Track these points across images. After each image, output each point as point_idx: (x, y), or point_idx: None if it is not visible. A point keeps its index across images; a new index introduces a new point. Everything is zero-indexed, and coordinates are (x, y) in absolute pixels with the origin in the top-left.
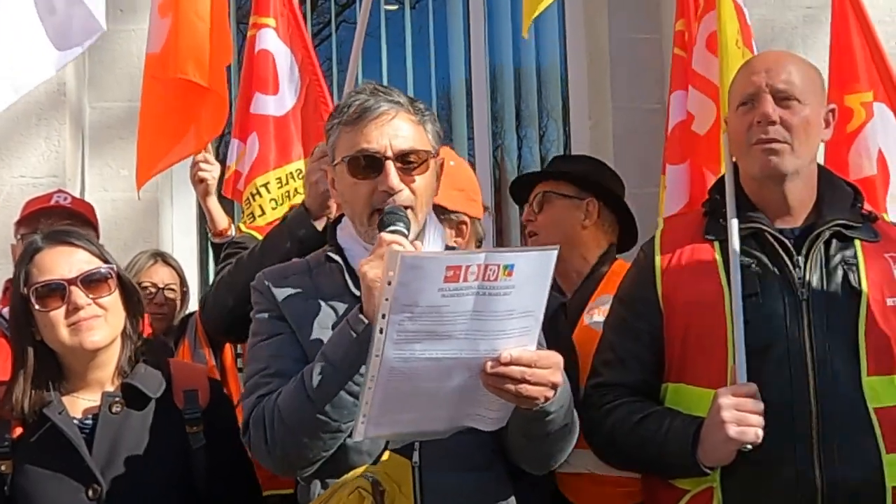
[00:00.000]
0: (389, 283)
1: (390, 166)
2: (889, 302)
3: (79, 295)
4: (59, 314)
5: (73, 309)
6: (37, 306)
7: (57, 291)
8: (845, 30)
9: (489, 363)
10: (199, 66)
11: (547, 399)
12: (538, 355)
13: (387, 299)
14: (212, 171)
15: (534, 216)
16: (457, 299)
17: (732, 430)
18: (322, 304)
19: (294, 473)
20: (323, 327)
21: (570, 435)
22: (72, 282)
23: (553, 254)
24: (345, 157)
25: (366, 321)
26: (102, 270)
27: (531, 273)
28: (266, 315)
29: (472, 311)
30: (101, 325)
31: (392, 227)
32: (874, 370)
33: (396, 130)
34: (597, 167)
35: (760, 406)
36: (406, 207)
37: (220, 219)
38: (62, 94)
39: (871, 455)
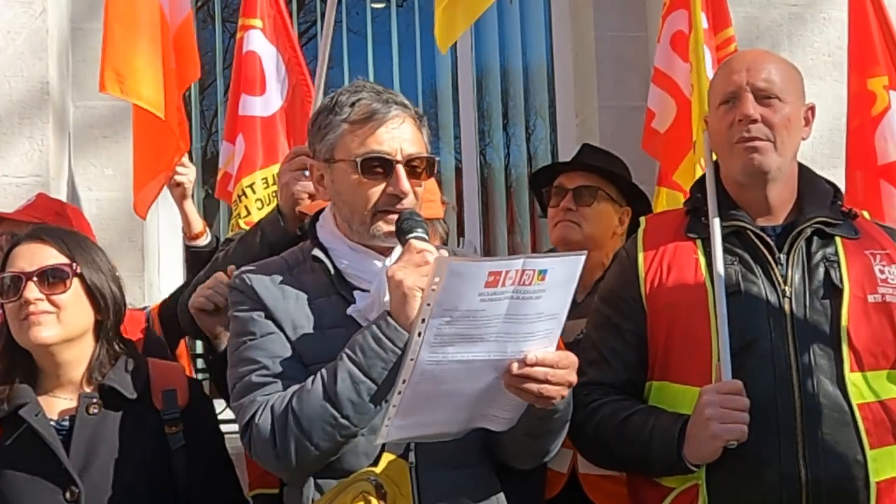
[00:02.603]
0: (434, 290)
1: (401, 170)
2: (870, 298)
3: (31, 290)
4: (13, 307)
5: (25, 303)
6: (1, 299)
7: (14, 285)
8: (863, 13)
9: (515, 364)
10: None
11: (562, 398)
12: (559, 356)
13: (429, 304)
14: (188, 175)
15: (574, 206)
16: (493, 303)
17: (717, 428)
18: (308, 303)
19: (300, 477)
20: (313, 327)
21: (565, 430)
22: (28, 276)
23: (581, 259)
24: (355, 157)
25: (403, 332)
26: (61, 268)
27: (561, 277)
28: (252, 314)
29: (505, 315)
30: (51, 323)
31: (414, 234)
32: (857, 366)
33: (405, 135)
34: (628, 172)
35: (745, 403)
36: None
37: (196, 222)
38: (45, 92)
39: (854, 451)
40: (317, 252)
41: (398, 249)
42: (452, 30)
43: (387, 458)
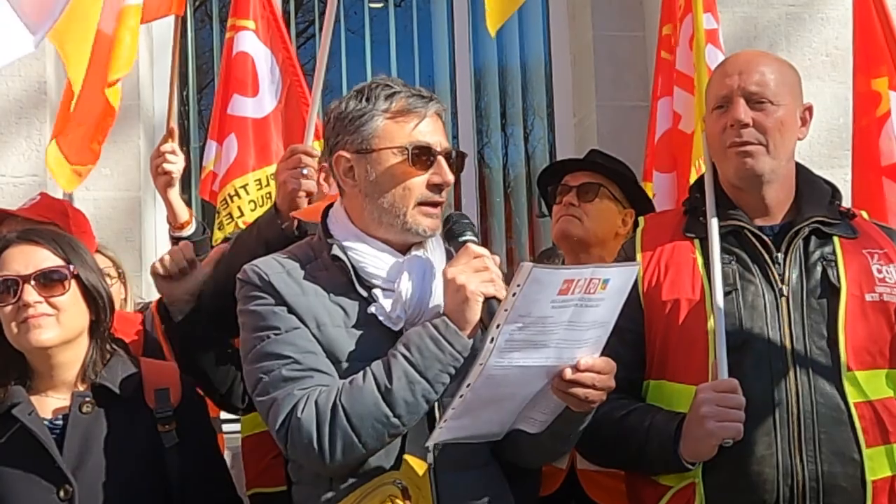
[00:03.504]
0: (514, 296)
1: (443, 161)
2: (868, 297)
3: (30, 292)
4: (10, 311)
5: (23, 306)
6: None
7: (11, 287)
8: (867, 13)
9: (568, 370)
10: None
11: (600, 402)
12: (605, 362)
13: (506, 310)
14: (176, 164)
15: (577, 201)
16: (561, 310)
17: (713, 426)
18: (327, 300)
19: (341, 471)
20: (337, 325)
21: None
22: (25, 279)
23: (636, 269)
24: (406, 145)
25: (461, 335)
26: (59, 270)
27: (618, 286)
28: (274, 309)
29: (568, 322)
30: (51, 325)
31: (467, 237)
32: (854, 365)
33: (440, 130)
34: (634, 176)
35: (742, 401)
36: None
37: (182, 212)
38: (43, 92)
39: (851, 450)
40: (337, 251)
41: (432, 248)
42: (501, 13)
43: (408, 458)
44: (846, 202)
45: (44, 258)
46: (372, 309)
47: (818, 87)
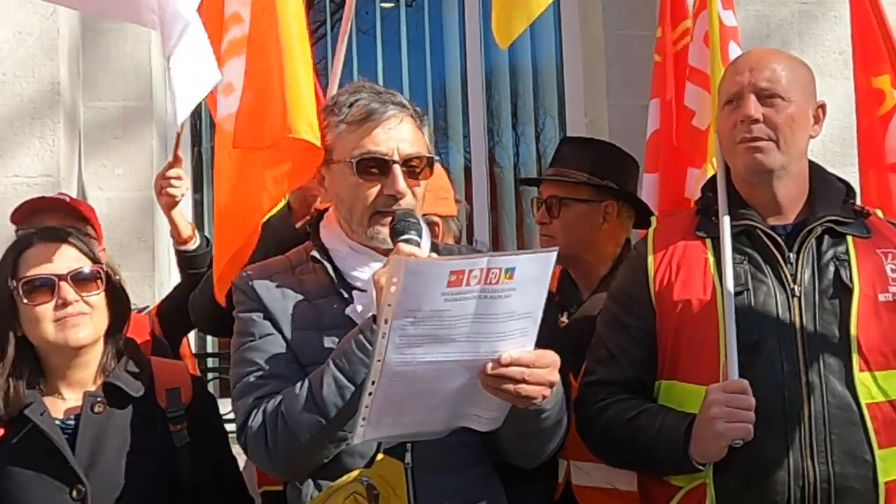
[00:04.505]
0: (393, 290)
1: (398, 170)
2: (881, 297)
3: (68, 291)
4: (46, 309)
5: (62, 304)
6: (24, 300)
7: (46, 286)
8: (864, 11)
9: (489, 365)
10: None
11: (544, 397)
12: (536, 355)
13: (389, 305)
14: (180, 189)
15: (548, 219)
16: (459, 303)
17: (723, 427)
18: (308, 304)
19: (293, 478)
20: (311, 328)
21: (561, 429)
22: (62, 277)
23: (552, 255)
24: (351, 158)
25: None
26: (92, 269)
27: (531, 275)
28: (252, 315)
29: (474, 315)
30: (87, 323)
31: (406, 236)
32: (866, 366)
33: (403, 135)
34: (610, 158)
35: (751, 402)
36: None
37: (184, 227)
38: (56, 93)
39: (863, 451)
40: (315, 253)
41: (423, 248)
42: (510, 26)
43: (381, 458)
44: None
45: (74, 257)
46: (348, 311)
47: (830, 86)
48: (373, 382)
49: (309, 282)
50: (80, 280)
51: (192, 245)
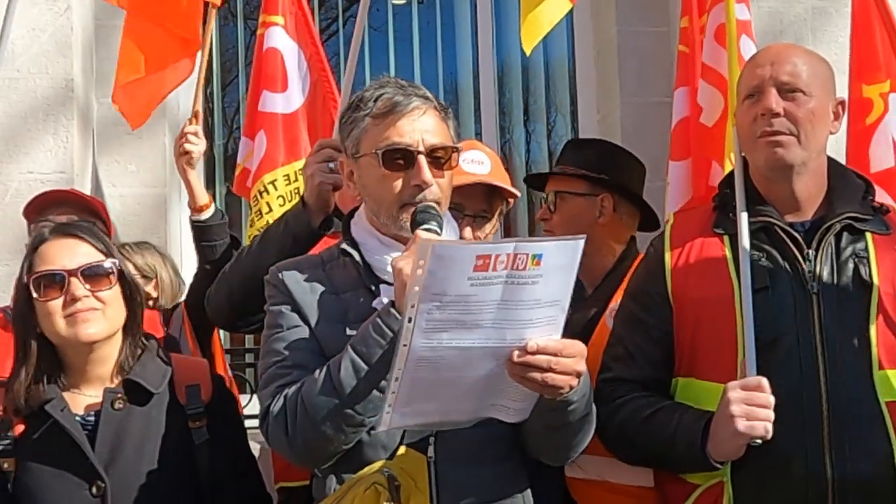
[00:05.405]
0: (420, 273)
1: (423, 160)
2: None
3: (77, 286)
4: (56, 304)
5: (71, 300)
6: (35, 295)
7: (56, 282)
8: (867, 19)
9: (516, 352)
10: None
11: (571, 388)
12: (563, 344)
13: (417, 289)
14: (198, 146)
15: (549, 215)
16: (485, 288)
17: (741, 425)
18: (336, 297)
19: (312, 465)
20: (337, 321)
21: (589, 425)
22: (72, 273)
23: (580, 243)
24: (377, 150)
25: (400, 318)
26: (104, 264)
27: (559, 262)
28: (281, 308)
29: (500, 301)
30: (98, 319)
31: (426, 226)
32: (885, 363)
33: (427, 126)
34: (609, 155)
35: (770, 400)
36: (433, 203)
37: (201, 194)
38: (70, 89)
39: (882, 449)
40: (345, 246)
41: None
42: (536, 30)
43: (403, 451)
44: None
45: (87, 252)
46: (375, 303)
47: (843, 83)
48: (399, 368)
49: (338, 276)
50: (90, 275)
51: (206, 214)
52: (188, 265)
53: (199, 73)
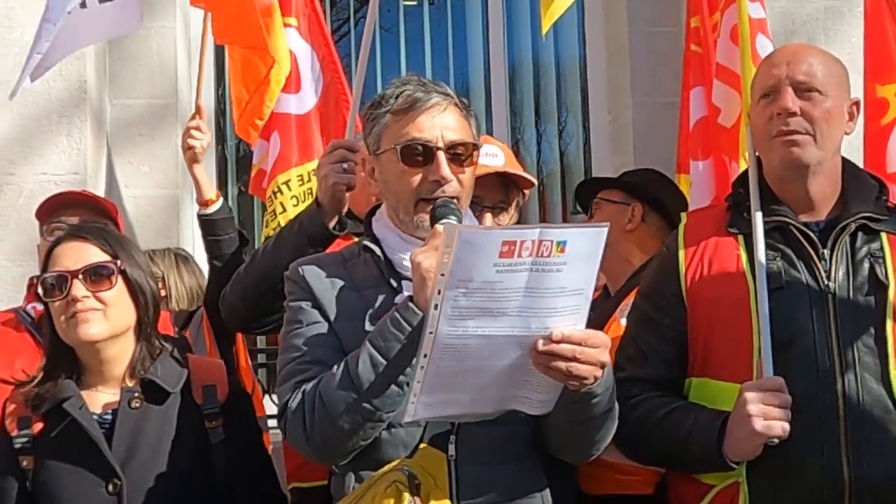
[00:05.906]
0: (446, 260)
1: (441, 156)
2: None
3: (78, 287)
4: (60, 306)
5: (71, 300)
6: (43, 297)
7: (58, 283)
8: (879, 19)
9: (541, 341)
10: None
11: (595, 379)
12: (588, 334)
13: (443, 274)
14: (202, 140)
15: (586, 220)
16: (511, 275)
17: (759, 424)
18: (357, 294)
19: (330, 461)
20: (358, 318)
21: (612, 421)
22: (74, 274)
23: (604, 231)
24: (396, 145)
25: (420, 313)
26: (106, 265)
27: (583, 250)
28: (301, 304)
29: (525, 288)
30: (98, 319)
31: (445, 220)
32: None
33: (447, 122)
34: (651, 174)
35: (788, 400)
36: (453, 198)
37: (207, 188)
38: (83, 91)
39: None
40: (367, 242)
41: None
42: (553, 13)
43: (423, 449)
44: None
45: (91, 254)
46: (397, 299)
47: (856, 83)
48: (425, 356)
49: (359, 273)
50: (92, 276)
51: (213, 208)
52: (202, 266)
53: (199, 68)
